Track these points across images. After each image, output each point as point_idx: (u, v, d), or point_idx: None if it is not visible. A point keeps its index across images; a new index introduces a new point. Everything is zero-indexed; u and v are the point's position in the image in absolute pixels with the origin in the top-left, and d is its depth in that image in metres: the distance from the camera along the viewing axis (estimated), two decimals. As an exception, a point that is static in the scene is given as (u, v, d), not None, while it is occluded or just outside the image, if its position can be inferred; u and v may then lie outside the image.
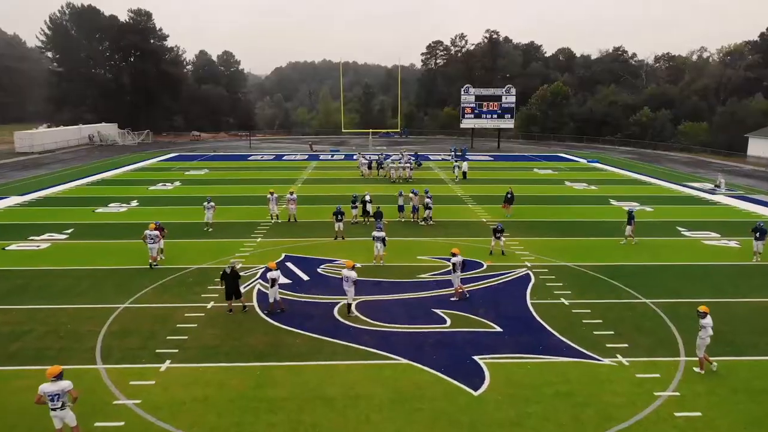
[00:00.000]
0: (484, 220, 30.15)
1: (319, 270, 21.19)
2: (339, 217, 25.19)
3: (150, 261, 21.35)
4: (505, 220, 29.25)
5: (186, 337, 15.42)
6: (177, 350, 14.64)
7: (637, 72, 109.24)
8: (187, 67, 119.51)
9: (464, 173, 45.44)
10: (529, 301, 18.04)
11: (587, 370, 13.74)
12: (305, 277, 20.35)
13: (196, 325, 16.23)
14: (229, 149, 73.74)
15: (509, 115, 74.06)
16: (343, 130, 75.08)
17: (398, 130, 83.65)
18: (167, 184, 41.99)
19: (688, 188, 41.74)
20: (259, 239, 25.73)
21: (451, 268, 18.38)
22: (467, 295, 18.25)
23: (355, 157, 47.70)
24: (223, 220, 29.54)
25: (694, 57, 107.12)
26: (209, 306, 17.56)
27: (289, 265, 21.75)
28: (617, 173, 49.98)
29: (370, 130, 77.18)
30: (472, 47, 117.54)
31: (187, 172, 48.87)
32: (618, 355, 14.40)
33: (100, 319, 16.55)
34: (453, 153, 64.13)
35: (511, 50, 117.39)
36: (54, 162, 56.58)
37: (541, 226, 28.64)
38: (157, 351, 14.57)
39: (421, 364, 13.99)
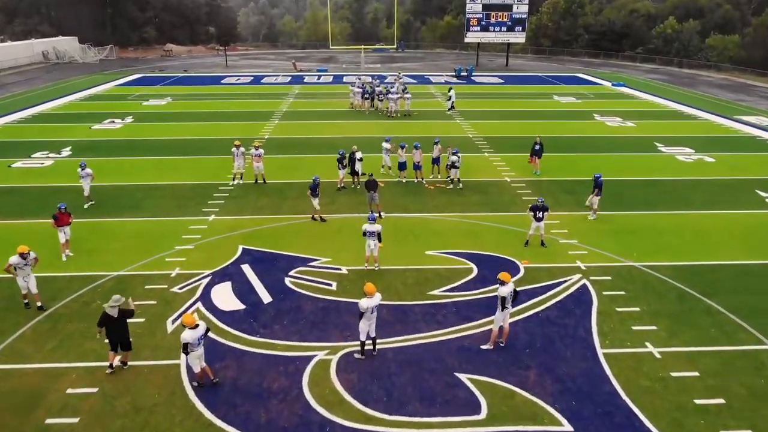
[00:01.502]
0: (508, 179, 23.51)
1: (288, 281, 14.85)
2: (316, 191, 18.53)
3: (23, 299, 13.71)
4: (533, 179, 22.73)
5: (56, 449, 9.40)
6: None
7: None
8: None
9: (452, 103, 37.98)
10: (599, 351, 11.94)
11: None
12: (266, 297, 14.05)
13: (76, 421, 10.12)
14: (203, 68, 64.99)
15: (520, 28, 65.04)
16: (331, 46, 65.86)
17: (393, 46, 74.15)
18: (116, 121, 34.57)
19: (742, 124, 34.80)
20: (212, 217, 19.16)
21: (498, 299, 11.82)
22: (503, 344, 12.09)
23: (354, 83, 39.78)
24: (171, 181, 22.81)
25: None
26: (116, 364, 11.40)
27: (246, 270, 15.38)
28: (651, 102, 42.63)
29: (362, 46, 67.98)
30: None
31: (145, 102, 41.18)
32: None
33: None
34: (457, 74, 56.08)
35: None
36: (-7, 87, 48.42)
37: (582, 190, 22.09)
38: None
39: None
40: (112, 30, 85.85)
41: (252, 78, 55.24)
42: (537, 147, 23.88)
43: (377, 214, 19.03)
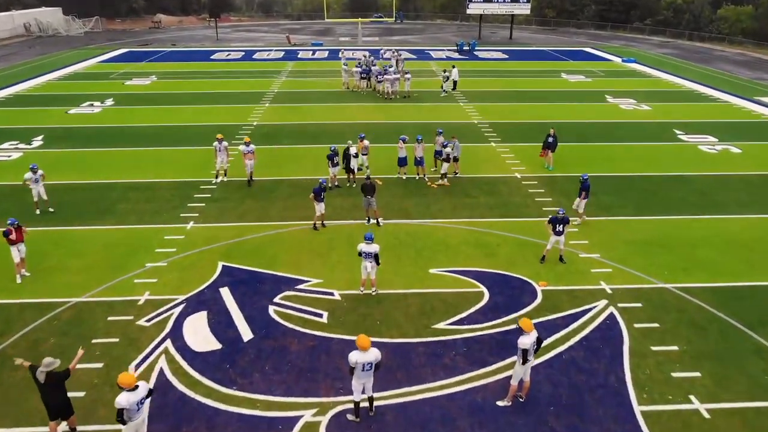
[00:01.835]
0: (518, 175, 21.44)
1: (272, 310, 12.94)
2: (321, 196, 16.50)
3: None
4: (546, 175, 20.72)
5: None
6: None
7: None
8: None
9: (454, 83, 35.75)
10: (636, 408, 10.11)
11: None
12: (247, 332, 12.16)
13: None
14: (193, 42, 62.03)
15: (525, -1, 61.85)
16: (326, 18, 62.77)
17: (392, 19, 70.90)
18: (94, 105, 32.22)
19: (764, 107, 32.56)
20: (191, 225, 17.15)
21: (519, 352, 9.85)
22: (522, 399, 10.26)
23: (347, 63, 37.17)
24: (149, 178, 20.72)
25: None
26: None
27: (225, 295, 13.46)
28: (665, 81, 40.21)
29: (359, 20, 64.85)
30: None
31: (128, 82, 38.68)
32: None
33: None
34: (459, 49, 53.37)
35: None
36: (-32, 64, 45.73)
37: (600, 188, 20.08)
38: None
39: None
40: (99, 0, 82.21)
41: (243, 53, 52.48)
42: (550, 140, 21.73)
43: (375, 221, 17.08)
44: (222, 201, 18.88)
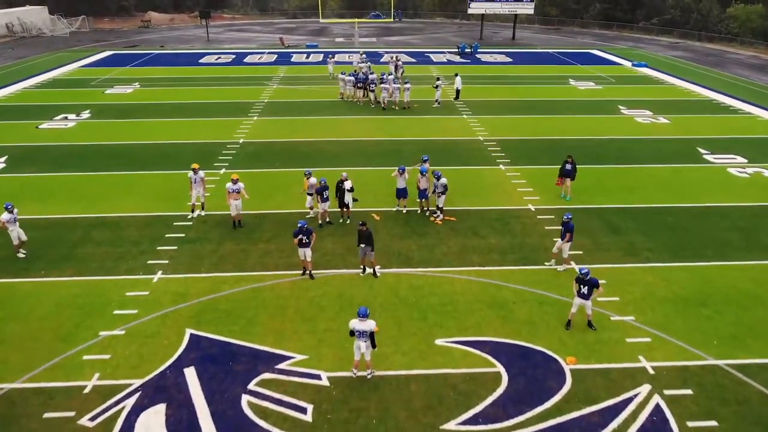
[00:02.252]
0: (532, 207, 19.12)
1: (246, 401, 10.64)
2: (304, 240, 14.20)
3: None
4: (564, 206, 18.40)
5: None
6: None
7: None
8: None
9: (457, 91, 33.47)
10: None
11: None
12: (212, 437, 9.88)
13: None
14: (182, 43, 59.52)
15: (529, -2, 59.36)
16: (321, 19, 60.17)
17: (390, 20, 68.33)
18: (68, 117, 29.80)
19: (791, 120, 30.31)
20: (158, 275, 14.82)
21: None
22: None
23: (344, 72, 34.55)
24: (118, 212, 18.37)
25: None
26: None
27: (190, 379, 11.15)
28: (680, 88, 37.86)
29: (356, 20, 62.32)
30: None
31: (108, 90, 36.23)
32: None
33: None
34: (460, 51, 50.97)
35: None
36: (-59, 69, 43.20)
37: (625, 224, 17.81)
38: None
39: None
40: (87, -3, 79.48)
41: (234, 56, 49.98)
42: (568, 167, 19.42)
43: (371, 270, 14.79)
44: (197, 242, 16.55)
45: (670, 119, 30.05)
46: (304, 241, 14.20)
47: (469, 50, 51.20)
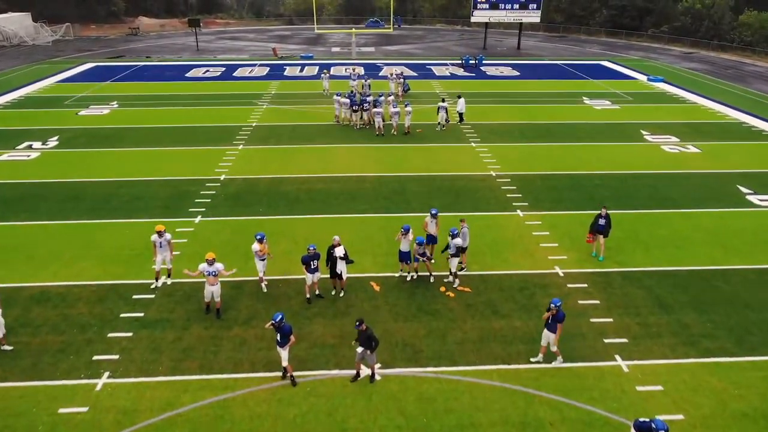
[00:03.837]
0: (560, 270, 16.12)
1: None
2: (284, 342, 11.31)
3: None
4: (598, 270, 15.36)
5: None
6: None
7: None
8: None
9: (460, 114, 30.54)
10: None
11: None
12: None
13: None
14: (171, 51, 56.59)
15: (535, 6, 56.54)
16: (316, 30, 57.17)
17: (390, 29, 65.27)
18: (33, 146, 26.76)
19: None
20: (104, 379, 11.78)
21: None
22: None
23: (339, 93, 31.42)
24: (66, 280, 15.34)
25: None
26: None
27: None
28: (704, 108, 34.97)
29: (353, 30, 59.37)
30: None
31: (83, 111, 33.20)
32: None
33: None
34: (464, 64, 48.08)
35: None
36: None
37: (671, 295, 14.87)
38: None
39: None
40: (75, 2, 76.44)
41: (223, 69, 46.97)
42: (602, 222, 16.49)
43: (369, 373, 11.82)
44: (157, 326, 13.55)
45: (700, 147, 27.15)
46: (284, 342, 11.28)
47: (474, 62, 48.28)
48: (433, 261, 15.56)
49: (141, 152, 25.98)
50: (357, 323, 11.33)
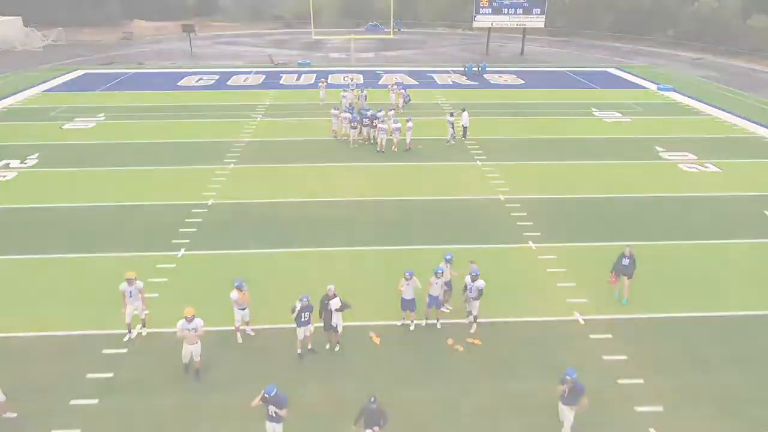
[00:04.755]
0: (580, 317, 14.49)
1: None
2: (276, 416, 9.71)
3: None
4: (623, 317, 13.74)
5: None
6: None
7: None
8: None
9: (464, 129, 28.93)
10: None
11: None
12: None
13: None
14: (164, 57, 54.93)
15: (539, 10, 54.84)
16: (313, 35, 55.50)
17: (390, 35, 63.58)
18: (10, 165, 25.09)
19: None
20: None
21: None
22: None
23: (337, 107, 29.81)
24: (27, 331, 13.68)
25: None
26: None
27: None
28: (720, 121, 33.33)
29: (352, 37, 57.71)
30: None
31: (67, 124, 31.54)
32: None
33: None
34: (467, 72, 46.47)
35: None
36: None
37: (711, 350, 13.26)
38: None
39: None
40: (66, 6, 74.63)
41: (217, 77, 45.26)
42: (626, 262, 14.87)
43: (369, 455, 10.17)
44: (128, 391, 11.92)
45: (720, 166, 25.55)
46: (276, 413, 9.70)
47: (477, 70, 46.63)
48: (450, 308, 14.03)
49: (124, 173, 24.33)
50: (370, 400, 9.71)
